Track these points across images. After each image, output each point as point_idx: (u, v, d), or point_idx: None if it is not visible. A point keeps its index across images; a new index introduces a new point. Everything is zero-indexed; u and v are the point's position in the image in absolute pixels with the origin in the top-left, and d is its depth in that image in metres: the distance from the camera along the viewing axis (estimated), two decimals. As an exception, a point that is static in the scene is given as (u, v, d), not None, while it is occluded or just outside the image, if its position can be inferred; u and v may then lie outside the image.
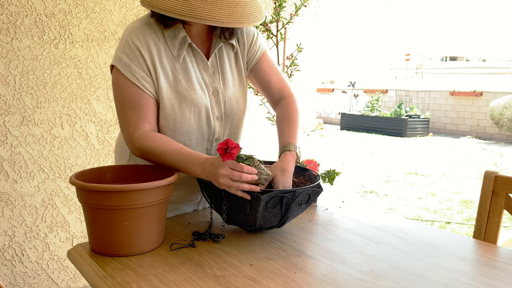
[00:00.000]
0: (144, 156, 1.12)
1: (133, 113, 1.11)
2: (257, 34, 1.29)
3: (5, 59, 2.02)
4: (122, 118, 1.14)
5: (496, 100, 9.60)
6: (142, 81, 1.11)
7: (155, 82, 1.13)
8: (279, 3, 2.22)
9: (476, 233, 1.35)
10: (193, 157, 1.06)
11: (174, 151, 1.08)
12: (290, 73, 2.42)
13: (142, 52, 1.11)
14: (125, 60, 1.10)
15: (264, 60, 1.29)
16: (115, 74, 1.13)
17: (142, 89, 1.11)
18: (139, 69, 1.11)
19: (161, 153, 1.08)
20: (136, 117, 1.11)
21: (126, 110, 1.12)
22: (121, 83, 1.12)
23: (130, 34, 1.12)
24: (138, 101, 1.11)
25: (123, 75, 1.11)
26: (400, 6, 54.71)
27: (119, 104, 1.14)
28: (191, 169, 1.05)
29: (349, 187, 5.27)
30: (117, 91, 1.14)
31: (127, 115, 1.12)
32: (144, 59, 1.11)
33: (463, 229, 3.82)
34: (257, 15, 1.07)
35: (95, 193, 0.95)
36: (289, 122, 1.24)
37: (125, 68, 1.10)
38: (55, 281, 2.27)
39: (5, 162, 2.08)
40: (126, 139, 1.14)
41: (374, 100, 11.55)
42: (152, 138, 1.10)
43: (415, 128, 10.31)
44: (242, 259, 0.97)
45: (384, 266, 0.95)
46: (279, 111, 1.28)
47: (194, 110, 1.16)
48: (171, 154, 1.08)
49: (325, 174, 1.43)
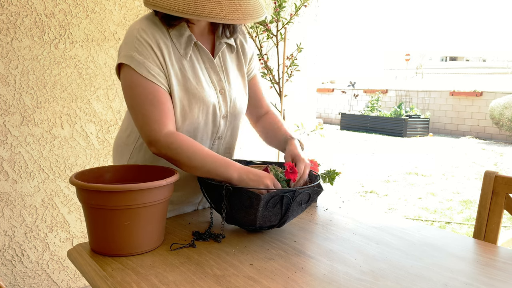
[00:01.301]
0: (170, 156, 1.09)
1: (155, 111, 1.08)
2: (254, 53, 1.36)
3: (5, 59, 2.02)
4: (143, 117, 1.09)
5: (496, 100, 9.60)
6: (158, 77, 1.09)
7: (167, 78, 1.12)
8: (279, 3, 2.22)
9: (476, 233, 1.35)
10: (227, 161, 1.07)
11: (206, 153, 1.08)
12: (290, 73, 2.42)
13: (155, 49, 1.09)
14: (138, 57, 1.08)
15: (256, 79, 1.37)
16: (127, 72, 1.10)
17: (159, 85, 1.09)
18: (153, 65, 1.09)
19: (193, 153, 1.07)
20: (158, 115, 1.08)
21: (147, 109, 1.08)
22: (136, 82, 1.09)
23: (139, 32, 1.10)
24: (158, 98, 1.09)
25: (138, 73, 1.08)
26: (400, 6, 54.74)
27: (136, 103, 1.10)
28: (225, 171, 1.05)
29: (349, 187, 5.27)
30: (133, 90, 1.10)
31: (149, 114, 1.08)
32: (157, 56, 1.10)
33: (463, 229, 3.82)
34: (259, 11, 1.09)
35: (95, 193, 0.95)
36: (279, 125, 1.33)
37: (139, 66, 1.08)
38: (55, 281, 2.27)
39: (5, 162, 2.08)
40: (150, 138, 1.09)
41: (374, 100, 11.55)
42: (181, 138, 1.08)
43: (415, 128, 10.31)
44: (242, 259, 0.97)
45: (384, 266, 0.95)
46: (265, 121, 1.36)
47: (202, 108, 1.17)
48: (203, 155, 1.07)
49: (325, 174, 1.43)
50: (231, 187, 1.02)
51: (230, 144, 1.31)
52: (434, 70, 27.50)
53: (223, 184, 1.04)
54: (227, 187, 1.02)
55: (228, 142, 1.29)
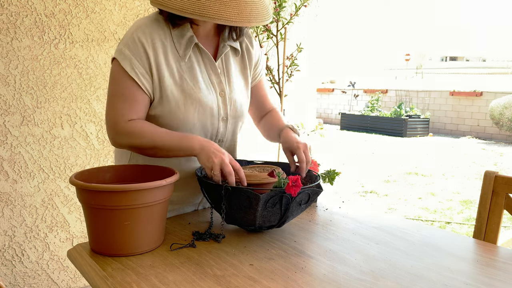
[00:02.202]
0: (130, 142, 1.11)
1: (124, 106, 1.11)
2: (261, 56, 1.37)
3: (5, 59, 2.02)
4: (112, 108, 1.13)
5: (496, 100, 9.60)
6: (140, 77, 1.11)
7: (156, 81, 1.13)
8: (279, 3, 2.22)
9: (476, 233, 1.35)
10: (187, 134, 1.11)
11: (165, 131, 1.11)
12: (290, 73, 2.42)
13: (147, 49, 1.11)
14: (127, 53, 1.10)
15: (262, 82, 1.39)
16: (114, 65, 1.13)
17: (139, 84, 1.11)
18: (140, 65, 1.11)
19: (152, 134, 1.09)
20: (127, 110, 1.11)
21: (118, 102, 1.12)
22: (118, 75, 1.12)
23: (136, 30, 1.12)
24: (133, 95, 1.11)
25: (122, 68, 1.10)
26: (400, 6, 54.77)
27: (111, 94, 1.13)
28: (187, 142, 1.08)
29: (349, 187, 5.27)
30: (113, 82, 1.13)
31: (118, 107, 1.12)
32: (148, 56, 1.11)
33: (463, 229, 3.82)
34: (265, 15, 1.09)
35: (95, 193, 0.95)
36: (277, 118, 1.35)
37: (125, 62, 1.10)
38: (55, 281, 2.27)
39: (5, 162, 2.08)
40: (110, 127, 1.12)
41: (374, 100, 11.55)
42: (140, 123, 1.11)
43: (415, 128, 10.31)
44: (242, 259, 0.97)
45: (384, 266, 0.95)
46: (266, 118, 1.38)
47: (198, 109, 1.17)
48: (163, 134, 1.10)
49: (325, 174, 1.43)
50: (230, 187, 1.02)
51: (231, 147, 1.31)
52: (434, 70, 27.52)
53: (222, 184, 1.04)
54: (226, 187, 1.02)
55: (229, 145, 1.29)
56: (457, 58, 42.46)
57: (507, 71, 21.94)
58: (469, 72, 22.91)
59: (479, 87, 10.89)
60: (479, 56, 39.79)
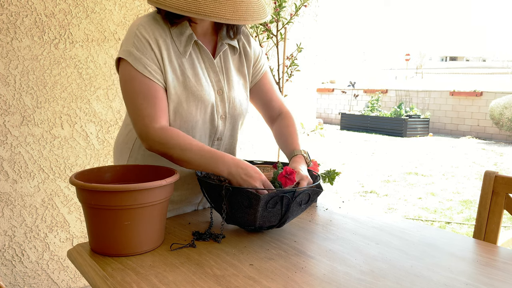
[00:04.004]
0: (162, 150, 1.10)
1: (147, 105, 1.10)
2: (262, 52, 1.35)
3: (5, 59, 2.02)
4: (136, 111, 1.11)
5: (496, 100, 9.61)
6: (154, 73, 1.11)
7: (164, 76, 1.13)
8: (279, 3, 2.22)
9: (476, 233, 1.35)
10: (218, 155, 1.08)
11: (197, 147, 1.09)
12: (290, 73, 2.42)
13: (152, 46, 1.11)
14: (136, 53, 1.10)
15: (266, 77, 1.35)
16: (125, 67, 1.12)
17: (155, 81, 1.11)
18: (150, 62, 1.11)
19: (184, 148, 1.08)
20: (151, 109, 1.10)
21: (140, 103, 1.10)
22: (132, 77, 1.11)
23: (139, 28, 1.12)
24: (152, 93, 1.10)
25: (135, 68, 1.10)
26: (400, 6, 54.69)
27: (131, 98, 1.12)
28: (216, 166, 1.07)
29: (349, 187, 5.27)
30: (128, 84, 1.12)
31: (141, 108, 1.10)
32: (154, 52, 1.11)
33: (463, 229, 3.82)
34: (261, 13, 1.09)
35: (95, 193, 0.95)
36: (292, 133, 1.30)
37: (136, 62, 1.10)
38: (55, 281, 2.27)
39: (5, 162, 2.08)
40: (142, 133, 1.11)
41: (374, 100, 11.55)
42: (173, 132, 1.10)
43: (415, 128, 10.31)
44: (242, 259, 0.97)
45: (384, 266, 0.95)
46: (280, 124, 1.34)
47: (200, 107, 1.17)
48: (194, 150, 1.08)
49: (325, 174, 1.43)
50: (230, 187, 1.02)
51: (231, 145, 1.31)
52: (434, 70, 27.52)
53: (223, 184, 1.04)
54: (226, 187, 1.02)
55: (228, 144, 1.29)
56: (457, 58, 42.49)
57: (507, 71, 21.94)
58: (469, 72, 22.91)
59: (479, 87, 10.90)
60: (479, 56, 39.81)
